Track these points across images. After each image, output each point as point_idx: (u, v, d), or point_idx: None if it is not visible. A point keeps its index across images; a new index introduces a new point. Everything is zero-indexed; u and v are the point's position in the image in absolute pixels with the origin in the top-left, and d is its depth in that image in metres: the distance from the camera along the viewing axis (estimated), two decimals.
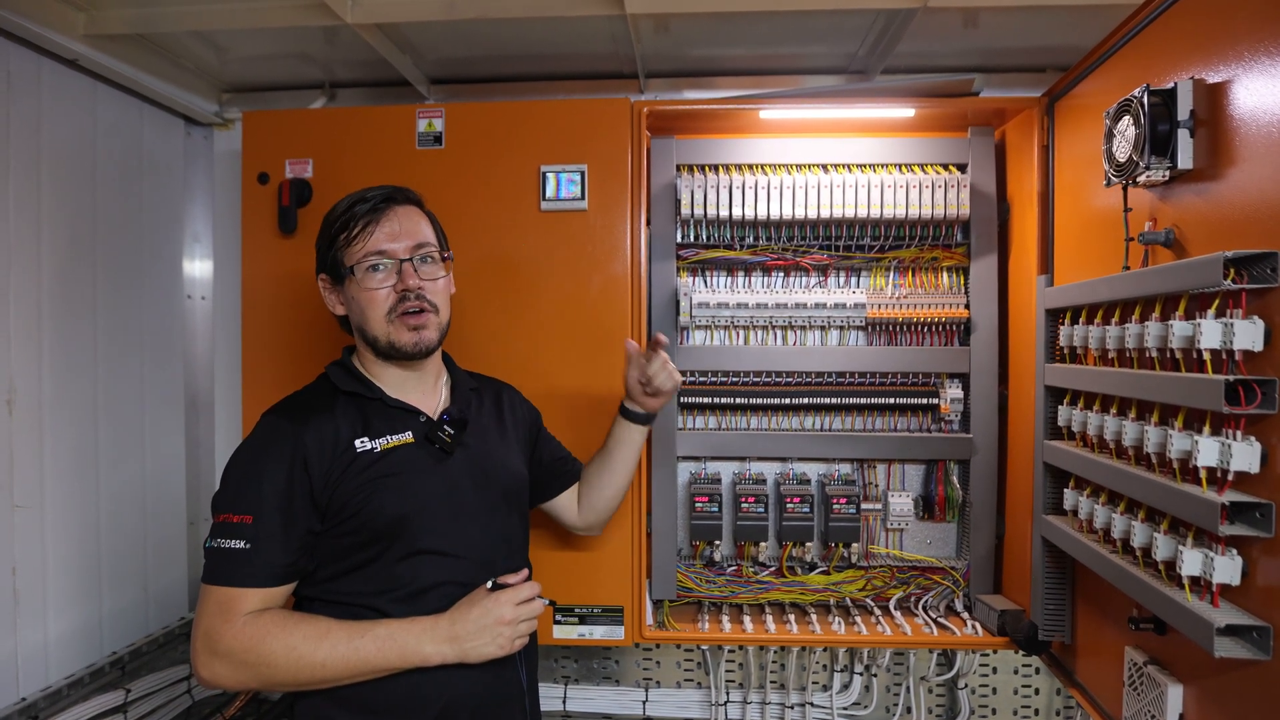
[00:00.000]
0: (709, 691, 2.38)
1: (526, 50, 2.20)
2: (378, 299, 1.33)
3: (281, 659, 1.19)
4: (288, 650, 1.19)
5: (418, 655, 1.25)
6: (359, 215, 1.35)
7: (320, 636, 1.21)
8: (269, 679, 1.21)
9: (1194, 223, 1.27)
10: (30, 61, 1.89)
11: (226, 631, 1.19)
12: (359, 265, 1.33)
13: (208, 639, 1.20)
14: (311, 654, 1.20)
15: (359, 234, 1.34)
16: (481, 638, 1.27)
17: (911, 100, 1.95)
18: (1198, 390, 1.13)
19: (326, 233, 1.38)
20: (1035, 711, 2.36)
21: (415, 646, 1.24)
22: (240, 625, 1.20)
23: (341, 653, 1.21)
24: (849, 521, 2.03)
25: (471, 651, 1.27)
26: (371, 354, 1.40)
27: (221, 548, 1.21)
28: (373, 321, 1.34)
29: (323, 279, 1.40)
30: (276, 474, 1.25)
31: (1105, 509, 1.43)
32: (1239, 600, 1.14)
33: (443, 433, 1.38)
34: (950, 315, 2.03)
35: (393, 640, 1.24)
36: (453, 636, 1.26)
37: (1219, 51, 1.19)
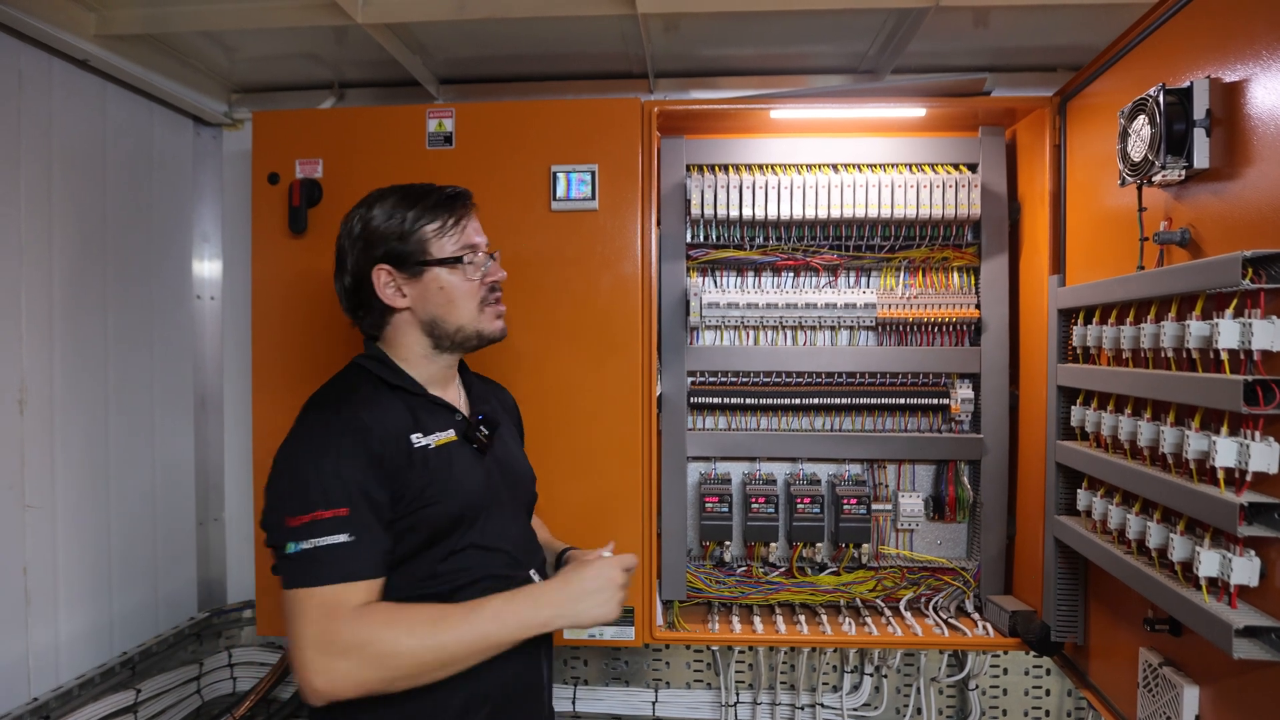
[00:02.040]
0: (719, 692, 2.37)
1: (536, 50, 2.20)
2: (474, 289, 1.35)
3: (405, 646, 1.14)
4: (409, 636, 1.14)
5: (535, 622, 1.23)
6: (454, 208, 1.36)
7: (437, 620, 1.18)
8: (392, 671, 1.14)
9: (1210, 222, 1.26)
10: (41, 61, 1.89)
11: (344, 628, 1.12)
12: (464, 255, 1.35)
13: (321, 643, 1.12)
14: (433, 637, 1.16)
15: (454, 226, 1.35)
16: (594, 599, 1.28)
17: (922, 100, 1.94)
18: (1216, 390, 1.13)
19: (399, 224, 1.33)
20: (1046, 713, 2.35)
21: (531, 615, 1.23)
22: (356, 618, 1.13)
23: (462, 633, 1.18)
24: (859, 522, 2.02)
25: (583, 614, 1.27)
26: (427, 346, 1.37)
27: (320, 546, 1.14)
28: (463, 311, 1.35)
29: (386, 270, 1.33)
30: (355, 464, 1.20)
31: (1120, 509, 1.43)
32: (1257, 601, 1.13)
33: (479, 432, 1.38)
34: (961, 315, 2.02)
35: (510, 611, 1.22)
36: (565, 599, 1.27)
37: (1236, 50, 1.18)
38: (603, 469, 1.91)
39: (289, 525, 1.16)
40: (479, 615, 1.20)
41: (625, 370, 1.91)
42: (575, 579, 1.29)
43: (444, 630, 1.17)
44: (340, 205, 1.93)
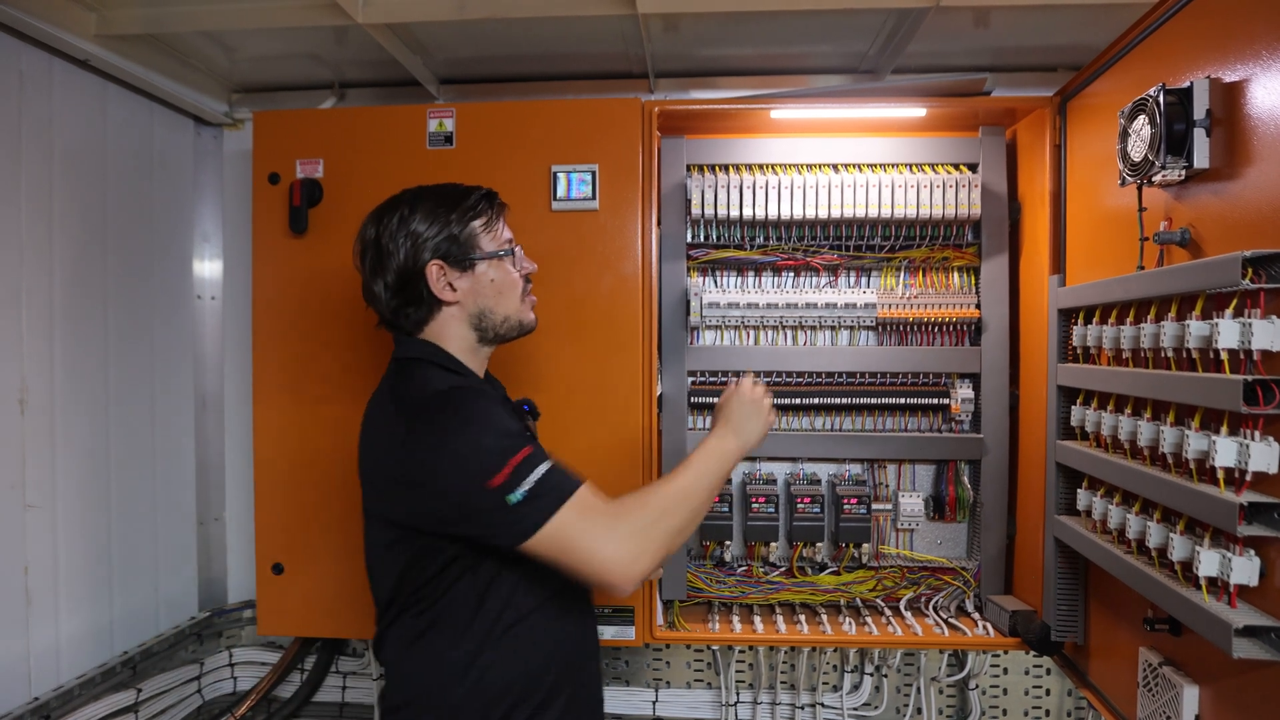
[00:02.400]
0: (719, 692, 2.37)
1: (537, 50, 2.20)
2: (517, 281, 1.43)
3: (659, 504, 1.28)
4: (660, 496, 1.29)
5: (729, 451, 1.40)
6: (495, 205, 1.44)
7: (669, 484, 1.32)
8: (668, 534, 1.27)
9: (1210, 222, 1.26)
10: (42, 61, 1.90)
11: (618, 519, 1.24)
12: (503, 250, 1.42)
13: (612, 540, 1.22)
14: (677, 489, 1.31)
15: (495, 221, 1.43)
16: (752, 420, 1.45)
17: (922, 100, 1.94)
18: (1216, 390, 1.13)
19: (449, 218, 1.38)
20: (1046, 712, 2.36)
21: (724, 449, 1.40)
22: (614, 506, 1.26)
23: (695, 479, 1.33)
24: (859, 522, 2.03)
25: (751, 434, 1.44)
26: (474, 340, 1.43)
27: (537, 480, 1.21)
28: (509, 301, 1.42)
29: (439, 265, 1.37)
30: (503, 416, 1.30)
31: (1120, 509, 1.43)
32: (1257, 601, 1.13)
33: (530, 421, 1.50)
34: (961, 315, 2.02)
35: (712, 455, 1.38)
36: (735, 430, 1.43)
37: (1236, 50, 1.18)
38: (603, 468, 1.90)
39: (492, 487, 1.20)
40: (696, 465, 1.36)
41: (626, 370, 1.91)
42: (730, 414, 1.45)
43: (687, 484, 1.32)
44: (341, 205, 1.96)
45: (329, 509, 1.99)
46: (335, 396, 1.98)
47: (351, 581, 1.99)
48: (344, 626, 2.04)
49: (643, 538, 1.24)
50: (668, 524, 1.27)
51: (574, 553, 1.21)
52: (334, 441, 1.99)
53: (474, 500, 1.21)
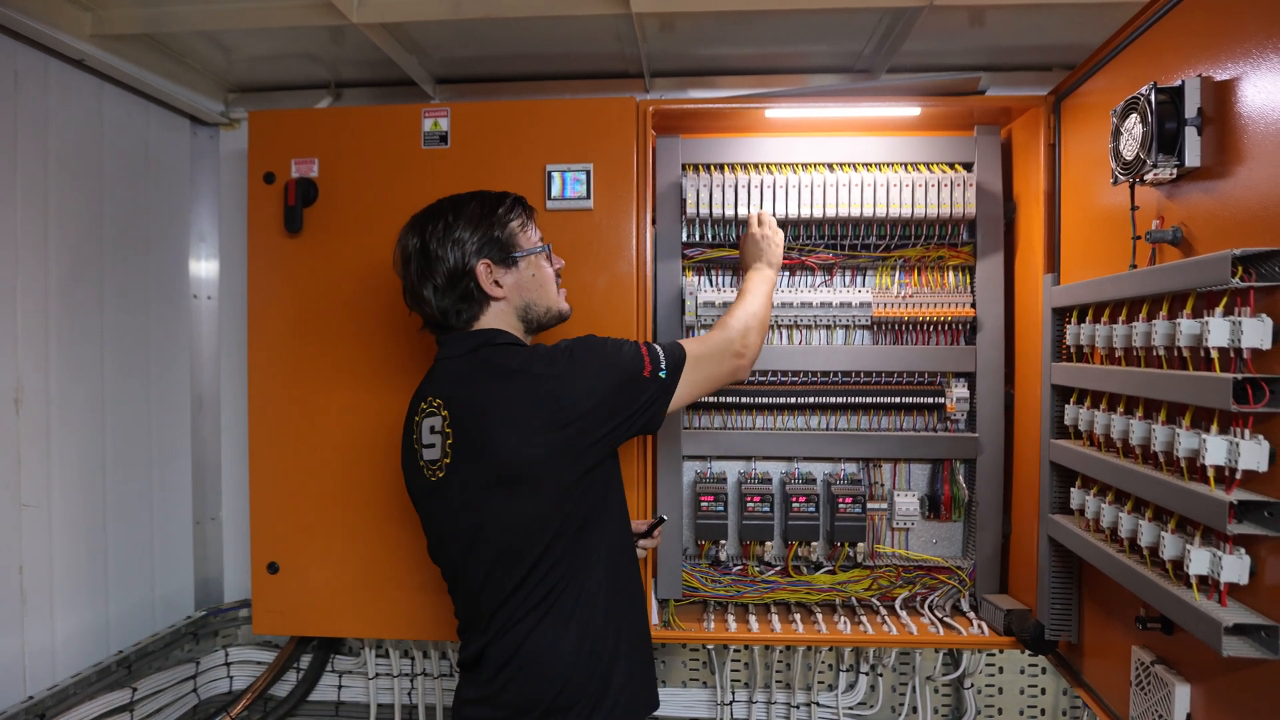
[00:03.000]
0: (715, 691, 2.38)
1: (532, 50, 2.20)
2: (552, 274, 1.59)
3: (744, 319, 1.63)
4: (737, 319, 1.63)
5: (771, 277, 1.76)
6: (524, 208, 1.57)
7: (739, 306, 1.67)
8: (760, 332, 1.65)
9: (1201, 221, 1.26)
10: (37, 61, 1.90)
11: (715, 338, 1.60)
12: (545, 246, 1.57)
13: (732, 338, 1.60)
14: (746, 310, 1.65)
15: (530, 220, 1.57)
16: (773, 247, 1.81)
17: (917, 99, 1.94)
18: (1205, 389, 1.13)
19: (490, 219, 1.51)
20: (1041, 711, 2.36)
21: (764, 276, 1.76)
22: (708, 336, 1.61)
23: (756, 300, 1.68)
24: (854, 521, 2.03)
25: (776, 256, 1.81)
26: (521, 331, 1.55)
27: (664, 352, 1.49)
28: (550, 293, 1.57)
29: (486, 263, 1.49)
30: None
31: (1112, 508, 1.43)
32: (1247, 599, 1.14)
33: None
34: (956, 314, 2.02)
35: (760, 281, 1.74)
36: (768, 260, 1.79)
37: (1227, 49, 1.18)
38: None
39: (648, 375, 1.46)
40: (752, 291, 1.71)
41: None
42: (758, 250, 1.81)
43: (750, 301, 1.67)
44: (335, 204, 1.96)
45: (325, 508, 1.99)
46: (331, 395, 1.99)
47: (347, 580, 2.00)
48: (340, 625, 2.04)
49: (740, 338, 1.59)
50: (749, 324, 1.62)
51: (713, 377, 1.56)
52: (330, 440, 1.99)
53: (642, 389, 1.45)
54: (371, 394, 1.97)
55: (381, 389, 1.96)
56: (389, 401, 1.94)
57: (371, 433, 1.97)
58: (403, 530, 1.96)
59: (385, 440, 1.96)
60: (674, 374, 1.48)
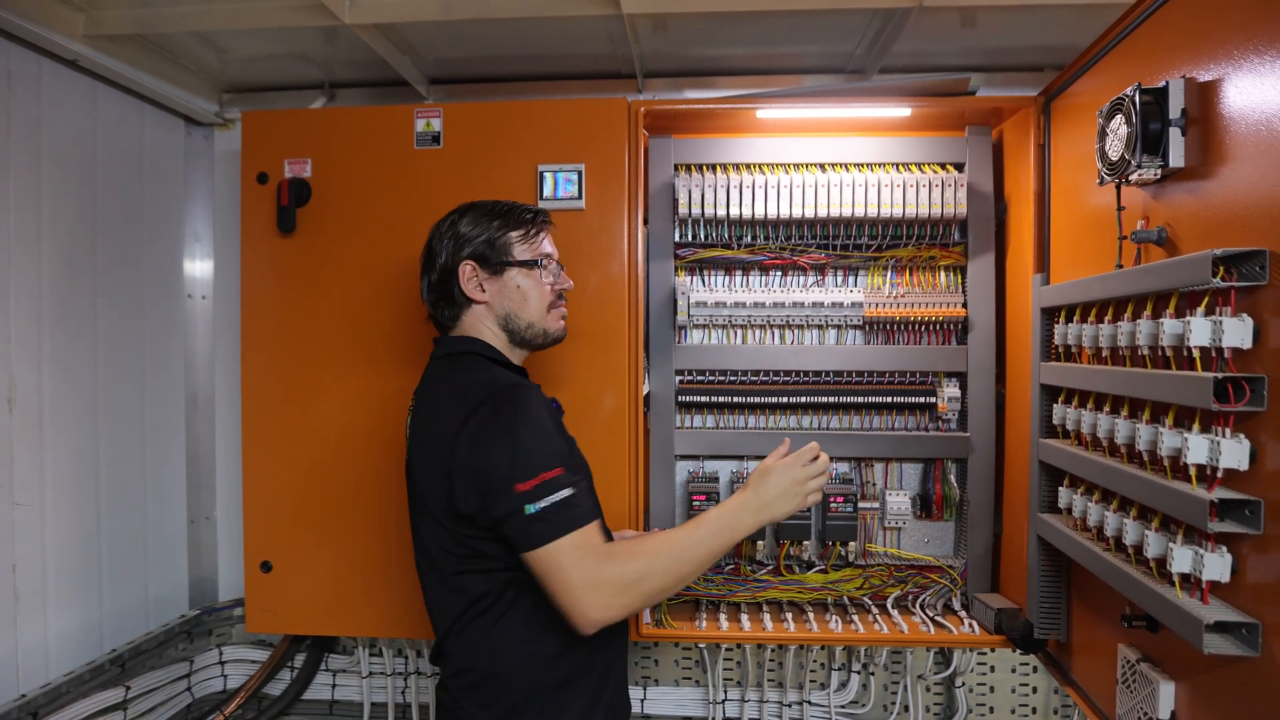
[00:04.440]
0: (707, 690, 2.38)
1: (524, 50, 2.21)
2: (545, 293, 1.52)
3: (658, 565, 1.30)
4: (651, 557, 1.30)
5: (741, 529, 1.37)
6: (537, 220, 1.54)
7: (671, 543, 1.33)
8: (649, 592, 1.29)
9: (1186, 221, 1.27)
10: (31, 62, 1.90)
11: (606, 564, 1.28)
12: (540, 260, 1.51)
13: (590, 582, 1.26)
14: (675, 558, 1.31)
15: (536, 235, 1.52)
16: (784, 499, 1.40)
17: (908, 100, 1.95)
18: (1187, 388, 1.14)
19: (489, 225, 1.49)
20: (1033, 710, 2.36)
21: (737, 522, 1.37)
22: (608, 556, 1.29)
23: (694, 547, 1.33)
24: (846, 520, 2.03)
25: (778, 512, 1.39)
26: (506, 340, 1.51)
27: (555, 502, 1.27)
28: (533, 310, 1.50)
29: (469, 264, 1.47)
30: (554, 427, 1.37)
31: (1098, 507, 1.43)
32: (1229, 597, 1.14)
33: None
34: (947, 314, 2.03)
35: (723, 523, 1.36)
36: (760, 505, 1.39)
37: (1210, 50, 1.19)
38: (590, 467, 1.91)
39: (519, 491, 1.27)
40: (700, 531, 1.35)
41: (612, 369, 1.92)
42: (762, 488, 1.40)
43: (681, 551, 1.32)
44: (328, 204, 1.97)
45: (318, 508, 2.00)
46: (324, 395, 1.99)
47: (340, 580, 2.00)
48: (333, 624, 2.05)
49: (619, 591, 1.27)
50: (651, 584, 1.29)
51: (556, 581, 1.27)
52: (323, 440, 1.99)
53: (501, 496, 1.28)
54: (364, 394, 1.97)
55: (374, 389, 1.97)
56: (382, 401, 1.95)
57: (364, 432, 1.97)
58: (396, 529, 1.97)
59: (378, 439, 1.96)
60: (542, 524, 1.26)
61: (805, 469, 1.42)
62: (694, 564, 1.33)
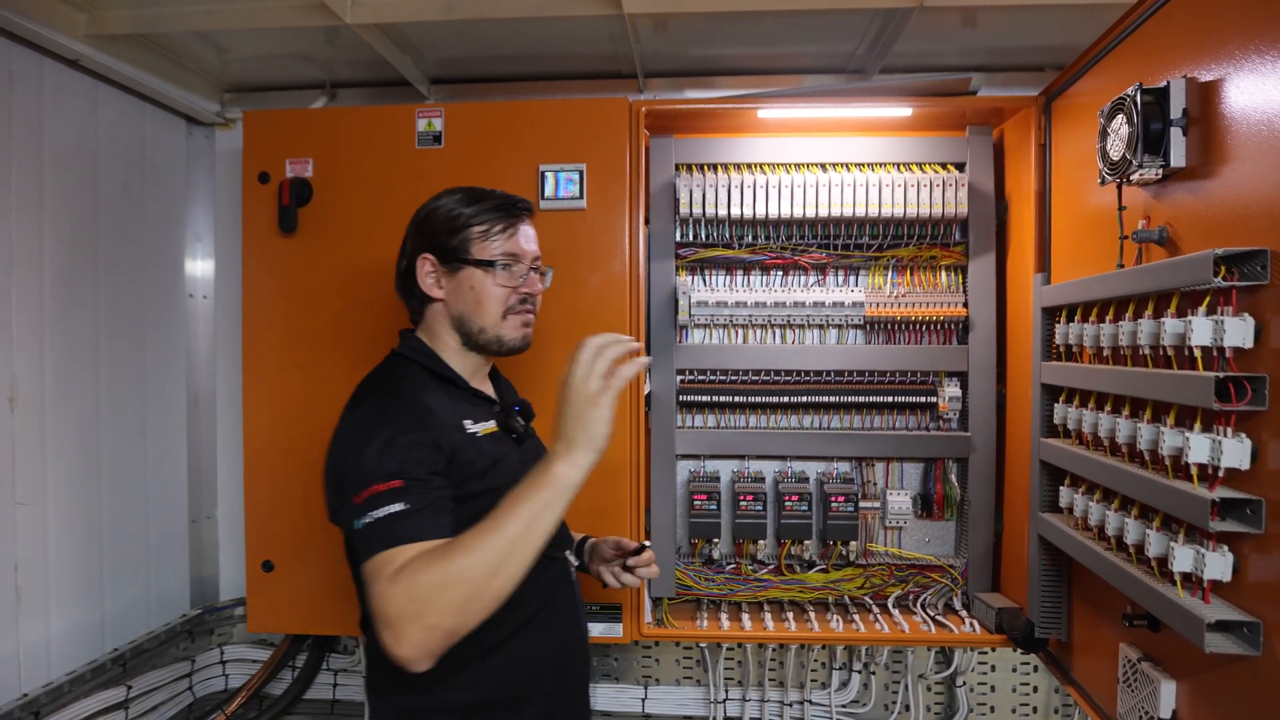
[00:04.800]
0: (708, 689, 2.38)
1: (525, 50, 2.21)
2: (500, 296, 1.38)
3: (438, 576, 1.07)
4: (441, 563, 1.08)
5: (555, 478, 1.11)
6: (501, 215, 1.40)
7: (461, 537, 1.11)
8: (443, 607, 1.06)
9: (1187, 220, 1.27)
10: (32, 62, 1.91)
11: (383, 595, 1.08)
12: (497, 261, 1.37)
13: (378, 613, 1.08)
14: (464, 551, 1.08)
15: (499, 233, 1.38)
16: (589, 425, 1.12)
17: (909, 99, 1.95)
18: (1189, 387, 1.14)
19: (452, 220, 1.39)
20: (1034, 709, 2.36)
21: (547, 475, 1.12)
22: (389, 580, 1.08)
23: (488, 531, 1.10)
24: (847, 520, 2.03)
25: (595, 442, 1.12)
26: (459, 341, 1.41)
27: (377, 518, 1.14)
28: (487, 314, 1.38)
29: (426, 258, 1.39)
30: (414, 440, 1.22)
31: (1099, 506, 1.44)
32: (1230, 596, 1.14)
33: (516, 423, 1.44)
34: (948, 314, 2.03)
35: (522, 488, 1.12)
36: (569, 444, 1.12)
37: (1211, 50, 1.19)
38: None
39: (354, 503, 1.17)
40: (499, 510, 1.11)
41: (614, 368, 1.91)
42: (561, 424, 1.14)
43: (473, 540, 1.09)
44: (330, 204, 1.97)
45: (319, 507, 1.98)
46: (325, 395, 1.99)
47: (341, 579, 1.99)
48: (334, 624, 2.05)
49: (414, 615, 1.05)
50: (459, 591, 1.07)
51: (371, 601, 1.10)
52: (324, 440, 1.99)
53: (341, 506, 1.22)
54: None
55: None
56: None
57: None
58: None
59: None
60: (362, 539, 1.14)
61: (590, 369, 1.14)
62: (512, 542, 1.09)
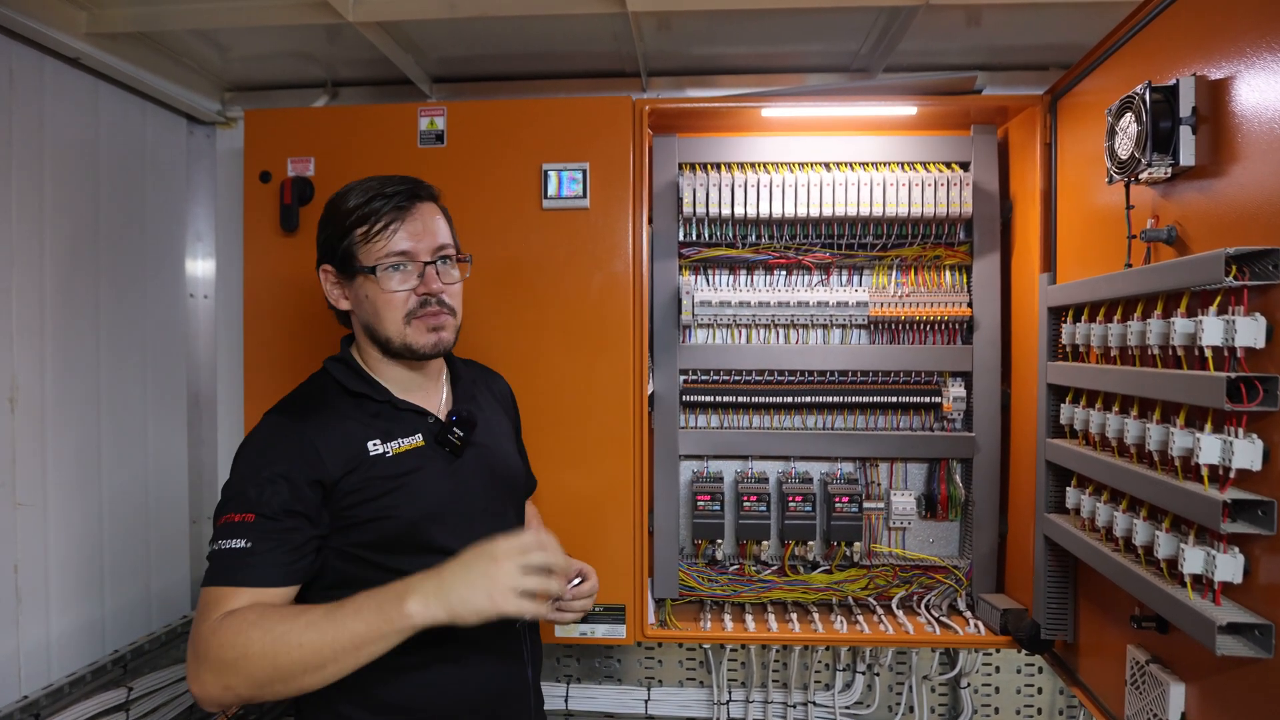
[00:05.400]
0: (711, 690, 2.37)
1: (528, 49, 2.20)
2: (396, 301, 1.27)
3: (256, 646, 1.04)
4: (264, 634, 1.04)
5: (400, 614, 1.05)
6: (382, 211, 1.26)
7: (297, 614, 1.07)
8: (248, 675, 1.04)
9: (1196, 220, 1.26)
10: (32, 60, 1.89)
11: (204, 632, 1.07)
12: (379, 265, 1.26)
13: (192, 645, 1.08)
14: (286, 633, 1.04)
15: (380, 232, 1.26)
16: (471, 588, 1.06)
17: (914, 98, 1.94)
18: (1199, 387, 1.13)
19: (338, 224, 1.28)
20: (1038, 710, 2.36)
21: (396, 605, 1.05)
22: (215, 622, 1.07)
23: (318, 624, 1.05)
24: (851, 520, 2.02)
25: (460, 605, 1.05)
26: (378, 352, 1.33)
27: (221, 549, 1.12)
28: (388, 323, 1.28)
29: (326, 271, 1.31)
30: (282, 473, 1.17)
31: (1107, 507, 1.43)
32: (1241, 598, 1.13)
33: (452, 435, 1.33)
34: (953, 314, 2.02)
35: (371, 600, 1.07)
36: (439, 588, 1.06)
37: (1221, 48, 1.18)
38: (594, 467, 1.91)
39: (217, 524, 1.16)
40: (341, 608, 1.07)
41: (616, 368, 1.91)
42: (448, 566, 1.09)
43: (300, 626, 1.05)
44: None
45: None
46: None
47: None
48: None
49: (214, 670, 1.05)
50: (257, 674, 1.04)
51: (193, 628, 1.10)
52: None
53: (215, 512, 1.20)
54: None
55: None
56: None
57: None
58: None
59: None
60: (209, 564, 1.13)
61: (515, 557, 1.09)
62: (318, 643, 1.04)
